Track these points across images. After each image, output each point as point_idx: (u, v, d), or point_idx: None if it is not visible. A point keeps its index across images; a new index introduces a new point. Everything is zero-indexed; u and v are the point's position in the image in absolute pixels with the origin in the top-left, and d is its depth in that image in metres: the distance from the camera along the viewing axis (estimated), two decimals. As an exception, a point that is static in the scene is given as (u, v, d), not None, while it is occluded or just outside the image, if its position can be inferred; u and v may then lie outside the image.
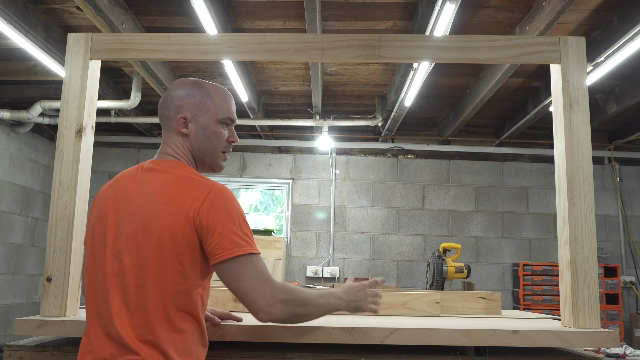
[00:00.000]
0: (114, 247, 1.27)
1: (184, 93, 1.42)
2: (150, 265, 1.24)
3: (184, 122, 1.40)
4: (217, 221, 1.24)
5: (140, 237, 1.25)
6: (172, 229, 1.24)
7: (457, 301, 2.23)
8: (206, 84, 1.46)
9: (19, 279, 5.86)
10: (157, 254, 1.24)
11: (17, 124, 5.59)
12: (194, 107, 1.41)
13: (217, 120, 1.42)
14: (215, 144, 1.43)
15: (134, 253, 1.25)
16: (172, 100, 1.43)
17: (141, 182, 1.33)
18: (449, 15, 3.22)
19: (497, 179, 6.58)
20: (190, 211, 1.25)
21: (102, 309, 1.25)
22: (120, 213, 1.30)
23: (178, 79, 1.50)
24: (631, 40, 3.64)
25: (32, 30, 3.80)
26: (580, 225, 1.72)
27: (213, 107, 1.42)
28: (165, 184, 1.31)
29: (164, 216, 1.25)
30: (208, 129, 1.41)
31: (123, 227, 1.28)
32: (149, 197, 1.29)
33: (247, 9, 3.91)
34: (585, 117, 1.78)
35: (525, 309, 5.82)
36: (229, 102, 1.46)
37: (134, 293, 1.23)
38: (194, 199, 1.26)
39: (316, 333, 1.52)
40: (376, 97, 5.81)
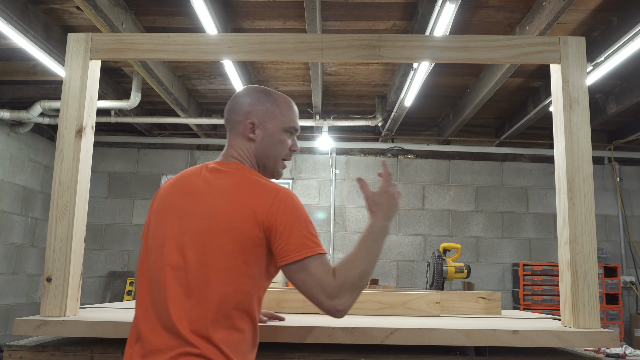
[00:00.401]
0: (178, 241, 1.29)
1: (254, 100, 1.47)
2: (216, 263, 1.26)
3: (252, 128, 1.44)
4: (285, 224, 1.27)
5: (207, 235, 1.28)
6: (241, 230, 1.27)
7: (457, 301, 2.23)
8: (274, 92, 1.51)
9: (19, 279, 5.86)
10: (224, 253, 1.26)
11: (17, 124, 5.59)
12: (262, 113, 1.46)
13: (283, 129, 1.47)
14: (279, 150, 1.47)
15: (200, 249, 1.27)
16: (241, 106, 1.47)
17: (208, 181, 1.36)
18: (449, 15, 3.22)
19: (497, 179, 6.58)
20: (258, 213, 1.28)
21: (158, 301, 1.26)
22: (187, 209, 1.33)
23: (247, 86, 1.54)
24: (631, 40, 3.64)
25: (32, 30, 3.80)
26: (580, 225, 1.72)
27: (280, 115, 1.47)
28: (234, 185, 1.34)
29: (233, 217, 1.28)
30: (274, 136, 1.46)
31: (189, 223, 1.31)
32: (218, 197, 1.32)
33: (247, 9, 3.91)
34: (585, 117, 1.78)
35: (525, 309, 5.81)
36: (294, 111, 1.52)
37: (196, 289, 1.24)
38: (262, 201, 1.29)
39: (316, 333, 1.52)
40: (376, 97, 5.81)
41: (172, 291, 1.25)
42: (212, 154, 6.64)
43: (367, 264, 1.32)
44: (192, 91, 5.71)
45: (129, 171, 6.62)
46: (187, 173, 1.44)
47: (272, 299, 2.01)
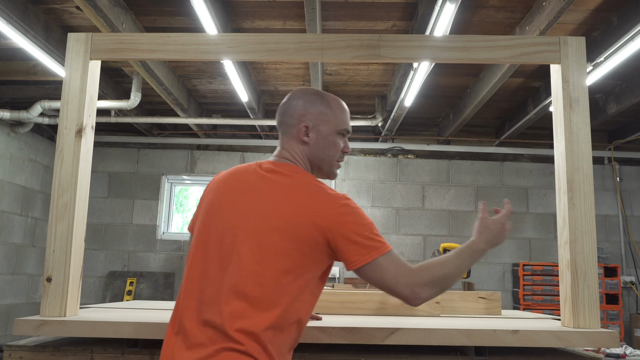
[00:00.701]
0: (232, 238, 1.30)
1: (307, 102, 1.48)
2: (272, 264, 1.27)
3: (306, 131, 1.46)
4: (350, 231, 1.30)
5: (264, 235, 1.29)
6: (300, 234, 1.29)
7: (457, 301, 2.23)
8: (327, 95, 1.52)
9: (19, 279, 5.86)
10: (280, 254, 1.27)
11: (17, 124, 5.59)
12: (316, 116, 1.47)
13: (336, 131, 1.49)
14: (333, 153, 1.50)
15: (255, 248, 1.28)
16: (295, 109, 1.48)
17: (266, 180, 1.37)
18: (449, 15, 3.21)
19: (497, 179, 6.58)
20: (320, 221, 1.29)
21: (209, 295, 1.27)
22: (244, 206, 1.34)
23: (299, 88, 1.55)
24: (631, 40, 3.64)
25: (32, 30, 3.80)
26: (580, 225, 1.72)
27: (333, 118, 1.49)
28: (294, 189, 1.35)
29: (293, 221, 1.29)
30: (327, 139, 1.48)
31: (246, 220, 1.31)
32: (277, 199, 1.33)
33: (247, 9, 3.91)
34: (585, 117, 1.78)
35: (525, 309, 5.81)
36: (346, 114, 1.54)
37: (250, 286, 1.25)
38: (324, 210, 1.31)
39: (316, 333, 1.52)
40: (376, 97, 5.81)
41: (224, 288, 1.25)
42: (212, 154, 6.64)
43: (454, 270, 1.39)
44: (192, 91, 5.71)
45: (129, 171, 6.62)
46: (242, 169, 1.45)
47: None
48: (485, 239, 1.51)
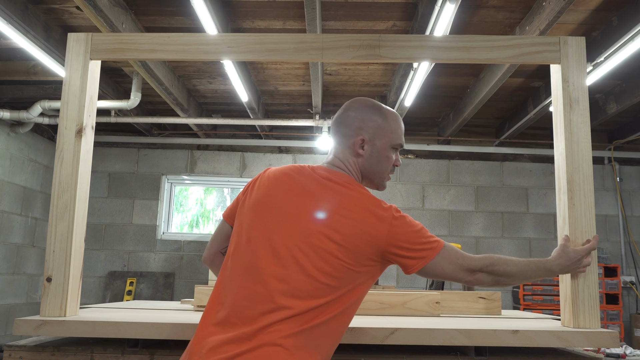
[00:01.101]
0: (285, 239, 1.31)
1: (365, 115, 1.49)
2: (328, 272, 1.28)
3: (362, 144, 1.47)
4: (404, 240, 1.35)
5: (322, 243, 1.30)
6: (358, 248, 1.31)
7: (457, 301, 2.23)
8: (384, 108, 1.52)
9: (19, 279, 5.86)
10: (338, 265, 1.29)
11: (17, 124, 5.59)
12: (373, 130, 1.48)
13: (391, 145, 1.50)
14: (385, 166, 1.51)
15: (312, 254, 1.29)
16: (353, 120, 1.49)
17: (323, 188, 1.39)
18: (449, 15, 3.21)
19: (497, 179, 6.58)
20: (377, 232, 1.32)
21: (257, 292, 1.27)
22: (299, 209, 1.35)
23: (357, 98, 1.55)
24: (631, 40, 3.64)
25: (32, 30, 3.80)
26: (580, 225, 1.72)
27: (389, 132, 1.49)
28: (354, 202, 1.36)
29: (351, 234, 1.31)
30: (381, 153, 1.49)
31: (300, 224, 1.33)
32: (336, 209, 1.34)
33: (247, 9, 3.91)
34: (585, 117, 1.78)
35: (525, 309, 5.81)
36: (401, 128, 1.54)
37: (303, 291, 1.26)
38: (380, 222, 1.34)
39: (316, 333, 1.52)
40: (376, 97, 5.81)
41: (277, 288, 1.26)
42: (212, 154, 6.64)
43: (518, 273, 1.48)
44: (192, 91, 5.71)
45: (129, 171, 6.62)
46: (296, 170, 1.45)
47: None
48: (560, 263, 1.59)
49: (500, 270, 1.45)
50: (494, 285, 1.48)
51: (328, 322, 1.27)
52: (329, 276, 1.28)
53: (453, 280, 1.43)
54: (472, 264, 1.42)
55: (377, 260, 1.35)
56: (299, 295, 1.25)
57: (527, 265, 1.50)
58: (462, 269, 1.40)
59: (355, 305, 1.36)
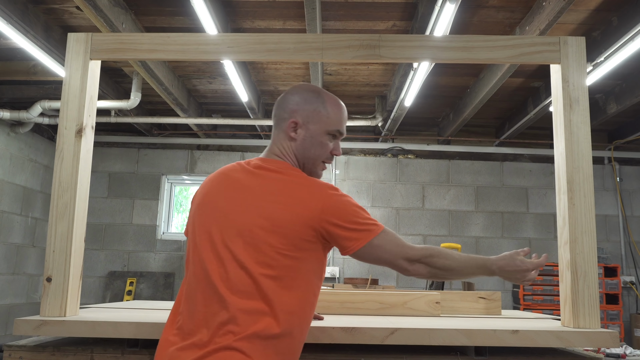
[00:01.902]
0: (224, 238, 1.30)
1: (301, 98, 1.47)
2: (268, 263, 1.27)
3: (294, 127, 1.44)
4: (340, 218, 1.32)
5: (258, 235, 1.28)
6: (294, 232, 1.29)
7: (457, 301, 2.23)
8: (324, 93, 1.49)
9: (19, 279, 5.86)
10: (278, 254, 1.27)
11: (17, 124, 5.59)
12: (307, 114, 1.45)
13: (326, 131, 1.46)
14: (319, 153, 1.46)
15: (250, 248, 1.28)
16: (289, 103, 1.47)
17: (255, 178, 1.37)
18: (449, 15, 3.21)
19: (497, 179, 6.58)
20: (310, 212, 1.30)
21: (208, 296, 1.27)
22: (232, 205, 1.34)
23: (300, 83, 1.54)
24: (631, 40, 3.64)
25: (32, 30, 3.80)
26: (580, 225, 1.72)
27: (326, 117, 1.46)
28: (283, 184, 1.35)
29: (285, 216, 1.29)
30: (315, 138, 1.45)
31: (235, 220, 1.31)
32: (268, 198, 1.33)
33: (247, 9, 3.91)
34: (585, 117, 1.78)
35: (525, 309, 5.81)
36: (341, 115, 1.50)
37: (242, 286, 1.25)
38: (313, 200, 1.32)
39: (316, 333, 1.52)
40: (376, 97, 5.81)
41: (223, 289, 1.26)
42: (212, 154, 6.64)
43: (458, 268, 1.45)
44: (192, 91, 5.71)
45: (129, 171, 6.62)
46: (230, 168, 1.45)
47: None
48: (502, 266, 1.50)
49: (440, 263, 1.41)
50: (432, 278, 1.45)
51: (284, 321, 1.25)
52: (267, 266, 1.26)
53: (390, 266, 1.39)
54: (411, 253, 1.38)
55: (314, 242, 1.31)
56: (243, 293, 1.24)
57: (467, 262, 1.46)
58: (401, 257, 1.37)
59: (308, 299, 1.32)
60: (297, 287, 1.29)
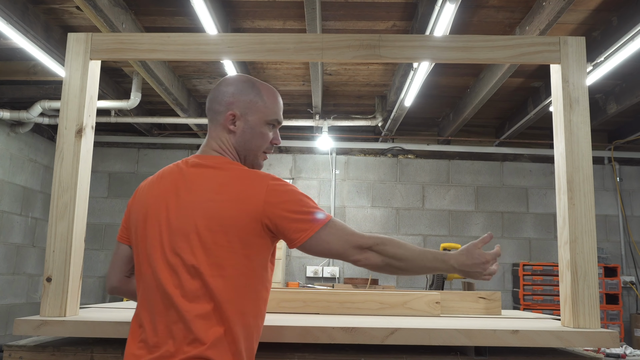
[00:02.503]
0: (172, 244, 1.27)
1: (236, 90, 1.43)
2: (217, 262, 1.25)
3: (232, 119, 1.41)
4: (285, 208, 1.28)
5: (204, 236, 1.26)
6: (238, 226, 1.26)
7: (457, 301, 2.23)
8: (258, 83, 1.46)
9: (19, 279, 5.86)
10: (224, 250, 1.25)
11: (17, 124, 5.59)
12: (244, 105, 1.41)
13: (265, 121, 1.43)
14: (260, 143, 1.43)
15: (197, 249, 1.25)
16: (224, 96, 1.43)
17: (193, 178, 1.33)
18: (449, 15, 3.21)
19: (497, 179, 6.58)
20: (254, 205, 1.27)
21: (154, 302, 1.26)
22: (175, 210, 1.30)
23: (231, 75, 1.50)
24: (631, 40, 3.64)
25: (32, 30, 3.80)
26: (580, 225, 1.72)
27: (263, 107, 1.43)
28: (223, 180, 1.32)
29: (229, 213, 1.26)
30: (255, 129, 1.42)
31: (180, 224, 1.28)
32: (209, 194, 1.29)
33: (247, 9, 3.91)
34: (585, 117, 1.78)
35: (525, 309, 5.81)
36: (278, 103, 1.47)
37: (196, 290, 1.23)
38: (255, 193, 1.28)
39: (316, 333, 1.52)
40: (376, 97, 5.81)
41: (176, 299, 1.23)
42: (212, 154, 6.64)
43: (412, 258, 1.38)
44: (192, 91, 5.71)
45: (129, 171, 6.63)
46: (169, 171, 1.40)
47: (272, 298, 2.01)
48: (460, 261, 1.43)
49: (391, 251, 1.34)
50: (386, 270, 1.37)
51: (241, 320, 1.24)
52: (218, 267, 1.24)
53: (340, 257, 1.33)
54: (362, 241, 1.33)
55: (263, 236, 1.28)
56: (197, 298, 1.22)
57: (423, 254, 1.39)
58: (351, 246, 1.32)
59: (262, 295, 1.31)
60: (249, 285, 1.27)
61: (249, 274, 1.27)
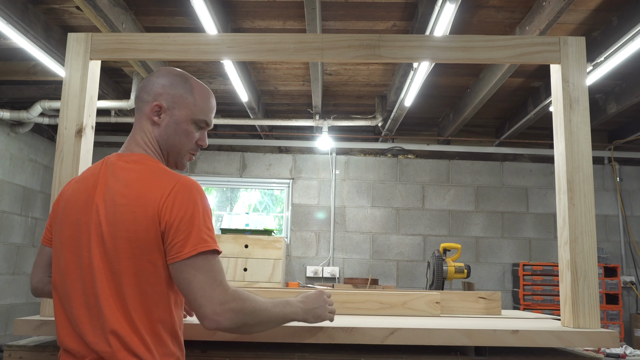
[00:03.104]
0: (88, 252, 1.22)
1: (167, 82, 1.37)
2: (122, 268, 1.18)
3: (158, 111, 1.35)
4: (181, 218, 1.18)
5: (110, 240, 1.19)
6: (142, 228, 1.18)
7: (457, 301, 2.23)
8: (192, 80, 1.41)
9: (19, 279, 5.86)
10: (128, 256, 1.19)
11: (17, 124, 5.59)
12: (172, 98, 1.36)
13: (192, 119, 1.37)
14: (183, 142, 1.37)
15: (105, 257, 1.19)
16: (153, 86, 1.37)
17: (109, 178, 1.26)
18: (449, 15, 3.21)
19: (497, 179, 6.58)
20: (154, 207, 1.19)
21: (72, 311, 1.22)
22: (89, 213, 1.24)
23: (166, 67, 1.45)
24: (631, 40, 3.64)
25: (32, 30, 3.80)
26: (580, 225, 1.72)
27: (192, 104, 1.37)
28: (130, 181, 1.24)
29: (128, 217, 1.19)
30: (179, 125, 1.36)
31: (93, 228, 1.22)
32: (114, 197, 1.22)
33: (247, 9, 3.91)
34: (585, 117, 1.78)
35: (525, 309, 5.82)
36: (209, 104, 1.41)
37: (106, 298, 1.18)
38: (159, 194, 1.20)
39: (316, 333, 1.52)
40: (376, 97, 5.81)
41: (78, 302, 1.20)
42: (211, 154, 6.64)
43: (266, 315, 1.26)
44: (192, 91, 5.70)
45: (129, 171, 6.62)
46: (89, 172, 1.34)
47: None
48: (303, 304, 1.38)
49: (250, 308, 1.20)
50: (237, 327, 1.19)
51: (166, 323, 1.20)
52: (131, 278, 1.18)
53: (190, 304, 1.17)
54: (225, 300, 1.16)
55: None
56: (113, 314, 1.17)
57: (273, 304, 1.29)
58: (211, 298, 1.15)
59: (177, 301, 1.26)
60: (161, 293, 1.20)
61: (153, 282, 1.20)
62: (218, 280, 1.17)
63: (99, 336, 1.17)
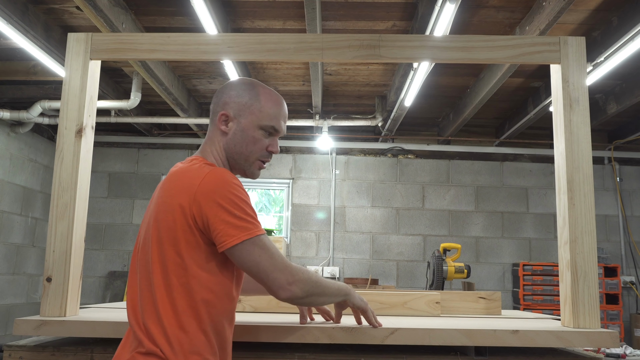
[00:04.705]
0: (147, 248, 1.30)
1: (234, 91, 1.40)
2: (154, 258, 1.25)
3: (225, 120, 1.38)
4: (216, 207, 1.21)
5: (148, 232, 1.29)
6: (169, 219, 1.24)
7: (457, 301, 2.23)
8: (260, 86, 1.42)
9: (19, 279, 5.86)
10: (158, 246, 1.25)
11: (17, 124, 5.59)
12: (238, 106, 1.38)
13: (259, 126, 1.38)
14: (251, 149, 1.38)
15: (143, 247, 1.30)
16: (222, 96, 1.41)
17: (168, 179, 1.33)
18: (449, 15, 3.21)
19: (497, 179, 6.58)
20: (184, 200, 1.22)
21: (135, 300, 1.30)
22: (150, 212, 1.34)
23: (239, 77, 1.50)
24: (631, 40, 3.64)
25: (32, 30, 3.80)
26: (580, 225, 1.72)
27: (258, 111, 1.38)
28: (171, 174, 1.32)
29: (162, 209, 1.26)
30: (246, 132, 1.37)
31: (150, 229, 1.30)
32: (159, 189, 1.32)
33: (247, 9, 3.91)
34: (585, 117, 1.78)
35: (525, 309, 5.81)
36: (278, 110, 1.41)
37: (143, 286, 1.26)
38: (189, 186, 1.23)
39: (316, 333, 1.52)
40: (376, 97, 5.81)
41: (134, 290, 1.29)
42: (212, 154, 6.64)
43: (324, 285, 1.36)
44: (192, 91, 5.71)
45: (129, 171, 6.63)
46: (172, 168, 1.41)
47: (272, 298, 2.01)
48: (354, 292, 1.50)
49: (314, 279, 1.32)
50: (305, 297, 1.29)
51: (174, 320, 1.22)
52: (157, 265, 1.24)
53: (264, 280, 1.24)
54: (293, 272, 1.26)
55: (194, 233, 1.22)
56: (143, 293, 1.25)
57: (328, 281, 1.39)
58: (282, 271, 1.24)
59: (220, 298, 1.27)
60: (183, 280, 1.23)
61: (180, 273, 1.23)
62: (279, 256, 1.26)
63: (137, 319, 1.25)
